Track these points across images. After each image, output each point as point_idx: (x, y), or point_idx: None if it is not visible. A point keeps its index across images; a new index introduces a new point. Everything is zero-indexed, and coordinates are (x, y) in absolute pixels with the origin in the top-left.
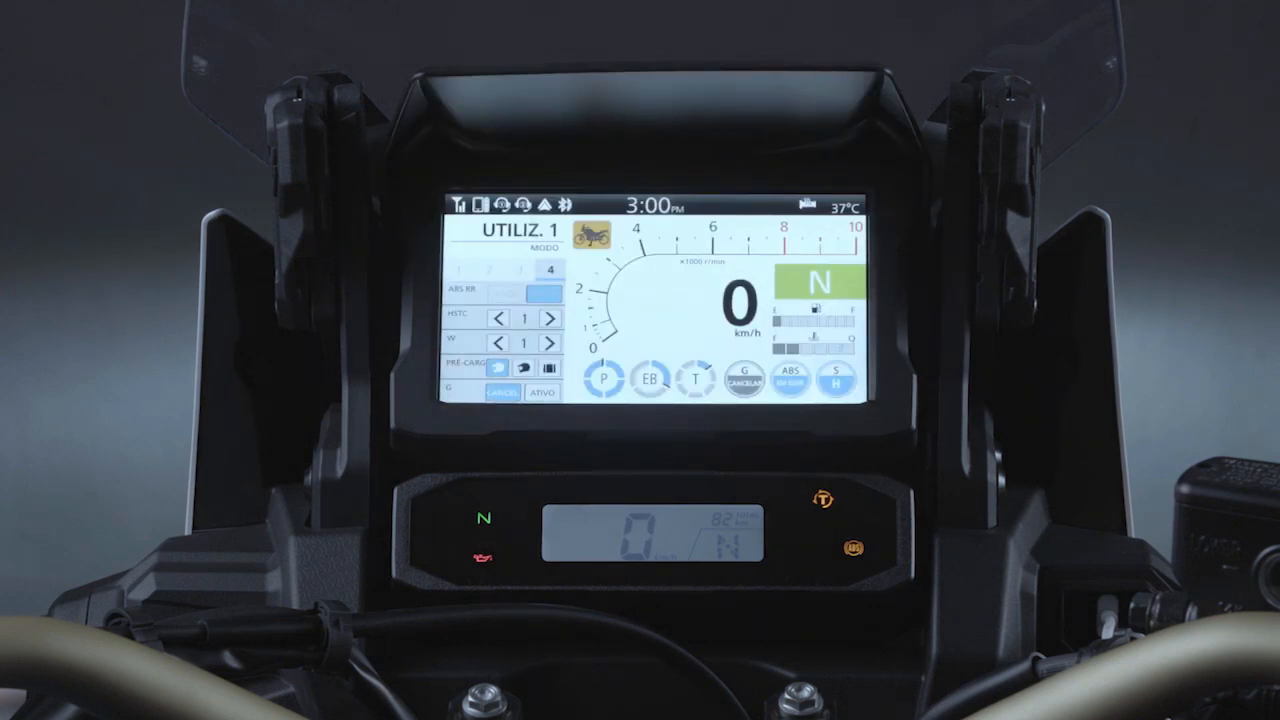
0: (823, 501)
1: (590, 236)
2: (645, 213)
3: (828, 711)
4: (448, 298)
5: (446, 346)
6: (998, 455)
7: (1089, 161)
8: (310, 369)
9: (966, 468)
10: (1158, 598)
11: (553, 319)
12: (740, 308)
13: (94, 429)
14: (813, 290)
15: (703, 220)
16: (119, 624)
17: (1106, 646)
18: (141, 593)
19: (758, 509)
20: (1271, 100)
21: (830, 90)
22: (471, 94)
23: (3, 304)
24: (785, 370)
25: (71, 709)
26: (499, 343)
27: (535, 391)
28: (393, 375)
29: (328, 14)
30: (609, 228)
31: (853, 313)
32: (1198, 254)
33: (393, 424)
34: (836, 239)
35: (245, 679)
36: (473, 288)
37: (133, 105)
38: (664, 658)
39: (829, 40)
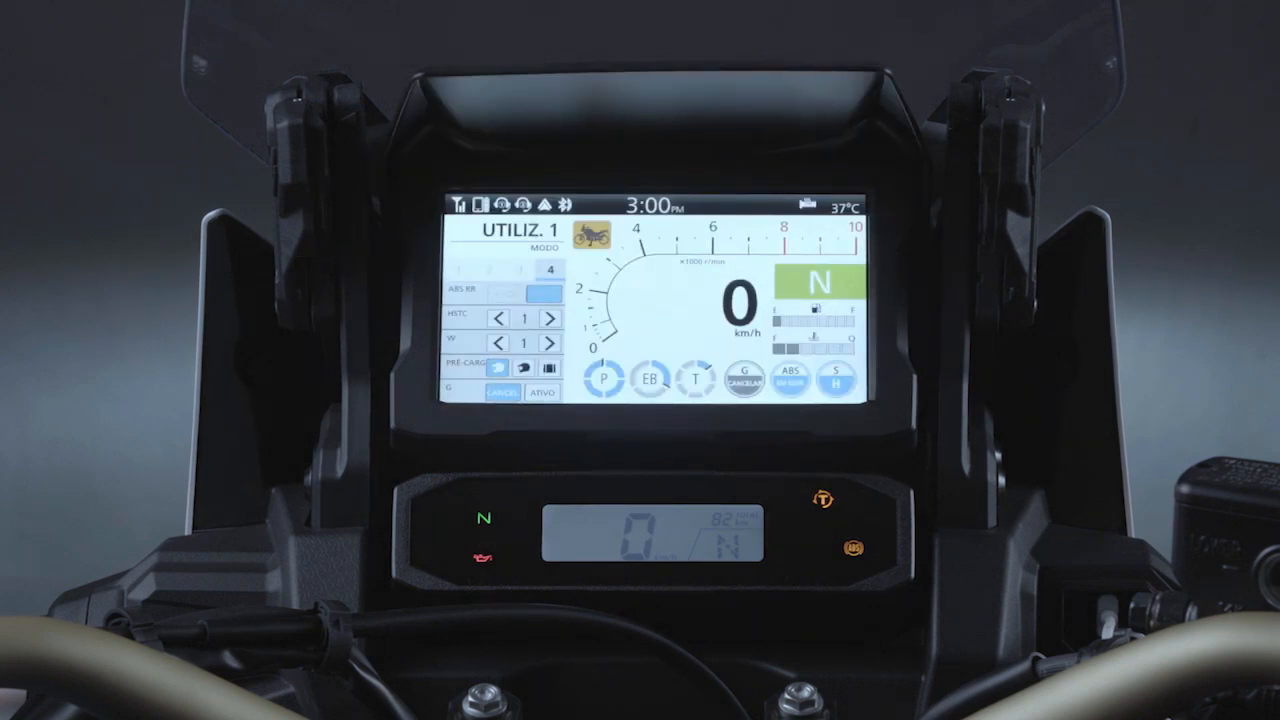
0: (823, 501)
1: (590, 236)
2: (645, 213)
3: (828, 711)
4: (448, 298)
5: (446, 346)
6: (998, 455)
7: (1089, 161)
8: (310, 369)
9: (966, 468)
10: (1158, 598)
11: (553, 319)
12: (740, 308)
13: (94, 429)
14: (813, 290)
15: (703, 220)
16: (119, 624)
17: (1106, 646)
18: (141, 593)
19: (758, 509)
20: (1271, 100)
21: (830, 90)
22: (471, 94)
23: (3, 304)
24: (785, 370)
25: (71, 709)
26: (499, 343)
27: (535, 391)
28: (393, 375)
29: (328, 14)
30: (609, 228)
31: (853, 313)
32: (1198, 254)
33: (393, 424)
34: (836, 239)
35: (245, 679)
36: (473, 288)
37: (133, 105)
38: (664, 658)
39: (829, 40)
